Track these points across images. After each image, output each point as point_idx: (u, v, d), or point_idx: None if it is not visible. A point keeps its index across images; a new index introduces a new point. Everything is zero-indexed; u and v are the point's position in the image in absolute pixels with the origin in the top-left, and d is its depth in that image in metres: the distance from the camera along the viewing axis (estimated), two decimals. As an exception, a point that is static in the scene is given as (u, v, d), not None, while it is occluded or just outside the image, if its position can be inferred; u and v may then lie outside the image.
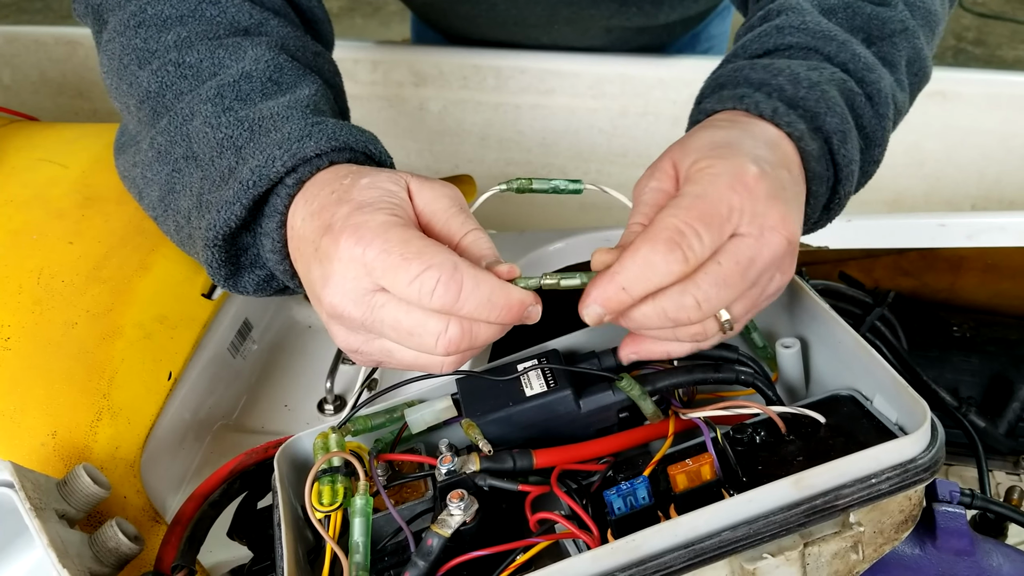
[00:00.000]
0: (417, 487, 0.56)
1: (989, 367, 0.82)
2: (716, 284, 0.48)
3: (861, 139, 0.58)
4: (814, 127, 0.55)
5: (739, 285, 0.49)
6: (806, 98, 0.55)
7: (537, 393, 0.55)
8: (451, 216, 0.53)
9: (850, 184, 0.58)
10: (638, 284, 0.48)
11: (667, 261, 0.47)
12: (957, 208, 1.20)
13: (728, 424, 0.55)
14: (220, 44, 0.64)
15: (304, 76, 0.64)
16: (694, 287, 0.48)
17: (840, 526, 0.50)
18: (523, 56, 1.24)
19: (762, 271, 0.50)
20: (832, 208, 0.59)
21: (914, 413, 0.50)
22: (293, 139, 0.56)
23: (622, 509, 0.51)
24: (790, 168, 0.53)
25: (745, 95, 0.56)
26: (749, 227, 0.49)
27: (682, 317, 0.49)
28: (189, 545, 0.55)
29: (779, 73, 0.57)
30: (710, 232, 0.48)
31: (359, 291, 0.49)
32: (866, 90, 0.59)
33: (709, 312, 0.49)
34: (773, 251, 0.49)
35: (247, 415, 0.75)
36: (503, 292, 0.49)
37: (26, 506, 0.50)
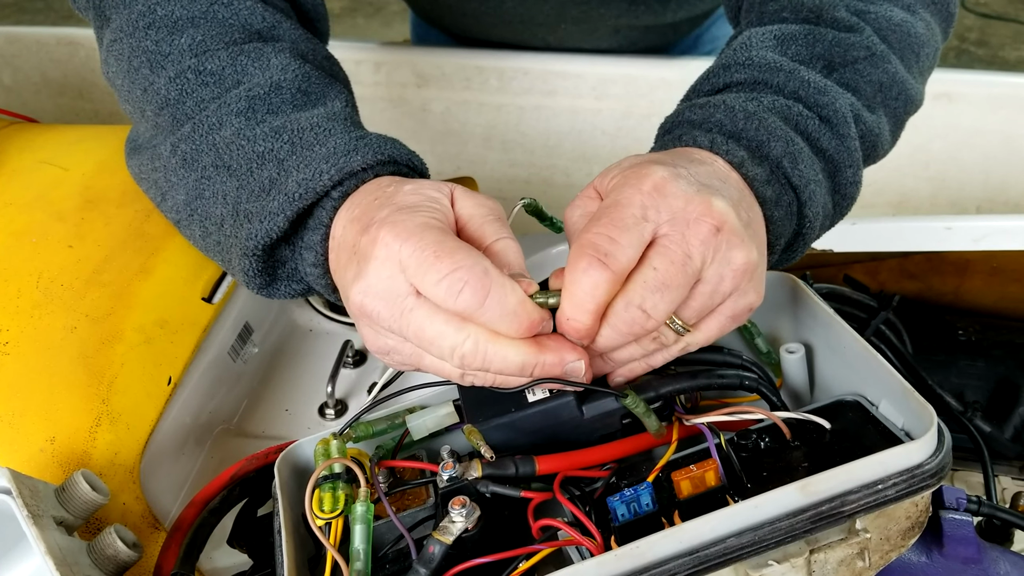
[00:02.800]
0: (419, 494, 0.56)
1: (995, 371, 0.81)
2: (655, 289, 0.48)
3: (823, 161, 0.59)
4: (760, 155, 0.56)
5: (680, 284, 0.49)
6: (745, 129, 0.56)
7: (540, 399, 0.54)
8: (487, 222, 0.54)
9: (815, 206, 0.58)
10: (576, 308, 0.48)
11: (589, 276, 0.48)
12: (962, 210, 1.20)
13: (732, 430, 0.54)
14: (241, 51, 0.64)
15: (331, 86, 0.66)
16: (636, 297, 0.48)
17: (846, 533, 0.49)
18: (526, 57, 1.24)
19: (701, 266, 0.49)
20: (805, 234, 0.59)
21: (920, 418, 0.49)
22: (340, 153, 0.57)
23: (626, 515, 0.50)
24: (727, 179, 0.54)
25: (684, 134, 0.58)
26: (671, 226, 0.49)
27: (636, 329, 0.49)
28: (188, 552, 0.55)
29: (716, 110, 0.58)
30: (624, 234, 0.48)
31: (392, 292, 0.49)
32: (820, 112, 0.59)
33: (660, 317, 0.49)
34: (702, 240, 0.49)
35: (248, 419, 0.75)
36: (526, 307, 0.49)
37: (24, 513, 0.49)
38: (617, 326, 0.49)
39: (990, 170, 1.19)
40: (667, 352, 0.53)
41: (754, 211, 0.54)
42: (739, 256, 0.50)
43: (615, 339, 0.50)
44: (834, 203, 0.61)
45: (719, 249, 0.49)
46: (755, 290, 0.52)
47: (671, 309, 0.49)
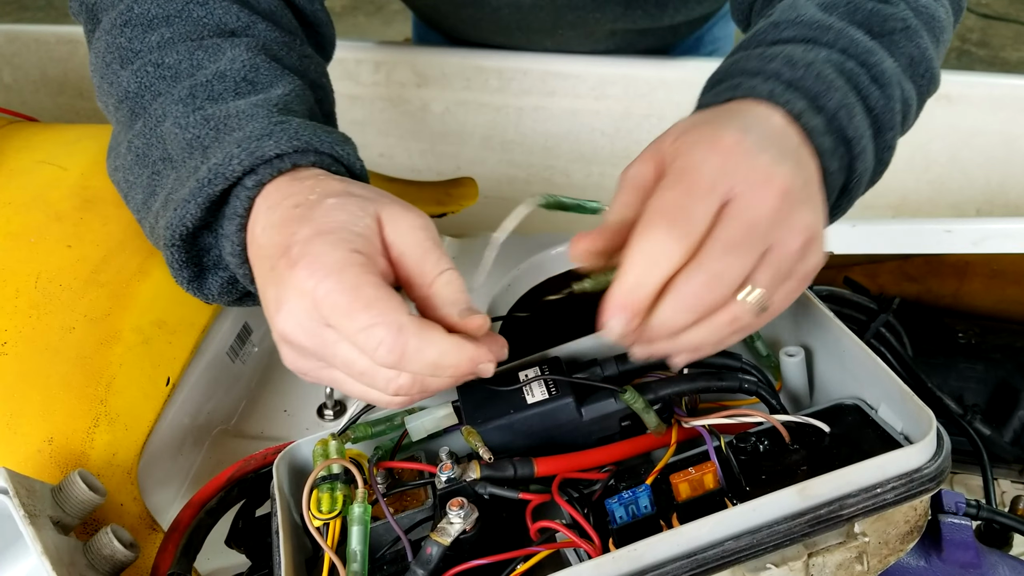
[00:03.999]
0: (417, 495, 0.56)
1: (994, 374, 0.81)
2: (724, 253, 0.46)
3: (871, 120, 0.57)
4: (817, 106, 0.54)
5: (750, 248, 0.46)
6: (804, 78, 0.54)
7: (538, 401, 0.54)
8: (424, 253, 0.51)
9: (866, 160, 0.56)
10: (650, 273, 0.46)
11: (669, 240, 0.45)
12: (962, 212, 1.20)
13: (731, 433, 0.54)
14: (200, 45, 0.63)
15: (282, 76, 0.63)
16: (705, 259, 0.46)
17: (845, 536, 0.49)
18: (526, 57, 1.24)
19: (769, 230, 0.47)
20: (851, 189, 0.58)
21: (920, 422, 0.49)
22: (253, 138, 0.54)
23: (624, 518, 0.50)
24: (784, 137, 0.52)
25: (741, 83, 0.55)
26: (740, 188, 0.47)
27: (705, 299, 0.46)
28: (185, 553, 0.55)
29: (774, 59, 0.56)
30: (701, 202, 0.46)
31: (311, 324, 0.48)
32: (870, 72, 0.58)
33: (730, 284, 0.46)
34: (771, 205, 0.47)
35: (246, 420, 0.75)
36: (453, 354, 0.47)
37: (20, 513, 0.49)
38: (685, 296, 0.46)
39: (990, 172, 1.19)
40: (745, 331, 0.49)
41: (811, 167, 0.52)
42: (805, 217, 0.48)
43: (681, 315, 0.46)
44: (875, 165, 0.59)
45: (786, 212, 0.48)
46: (819, 250, 0.50)
47: (743, 274, 0.47)
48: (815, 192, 0.51)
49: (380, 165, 1.37)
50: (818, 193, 0.51)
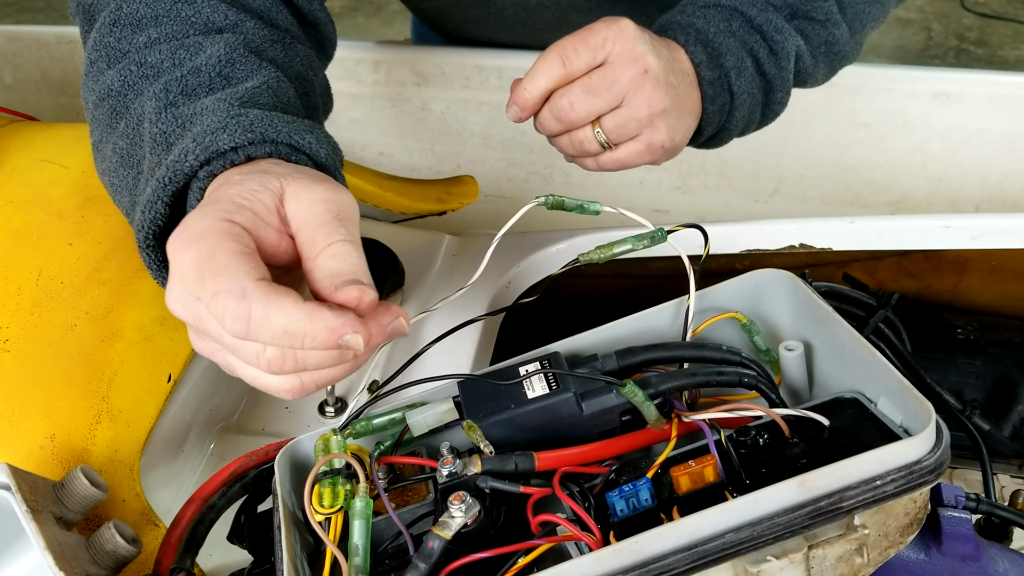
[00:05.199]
0: (418, 490, 0.56)
1: (993, 369, 0.81)
2: (584, 91, 0.68)
3: (764, 81, 0.78)
4: (715, 63, 0.74)
5: (603, 96, 0.68)
6: (713, 39, 0.74)
7: (539, 395, 0.55)
8: (320, 226, 0.48)
9: (743, 111, 0.76)
10: (534, 81, 0.68)
11: (550, 64, 0.68)
12: (961, 209, 1.20)
13: (731, 427, 0.54)
14: (182, 44, 0.62)
15: (258, 69, 0.61)
16: (569, 91, 0.68)
17: (845, 528, 0.49)
18: (525, 56, 1.24)
19: (626, 91, 0.68)
20: (729, 128, 0.78)
21: (919, 415, 0.49)
22: (208, 132, 0.53)
23: (624, 511, 0.50)
24: (675, 60, 0.72)
25: (668, 29, 0.76)
26: (616, 56, 0.68)
27: (563, 116, 0.69)
28: (187, 548, 0.55)
29: (698, 19, 0.76)
30: (585, 48, 0.68)
31: (186, 299, 0.46)
32: (771, 45, 0.77)
33: (584, 115, 0.69)
34: (631, 74, 0.68)
35: (248, 417, 0.75)
36: (303, 322, 0.44)
37: (23, 508, 0.49)
38: (551, 109, 0.69)
39: (989, 169, 1.19)
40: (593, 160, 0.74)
41: (689, 91, 0.73)
42: (657, 96, 0.69)
43: (550, 122, 0.70)
44: (763, 114, 0.80)
45: (642, 85, 0.68)
46: (667, 130, 0.71)
47: (590, 111, 0.69)
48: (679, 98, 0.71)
49: (380, 164, 1.37)
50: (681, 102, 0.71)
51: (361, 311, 0.46)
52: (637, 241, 0.59)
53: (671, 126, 0.71)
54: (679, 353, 0.58)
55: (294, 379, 0.48)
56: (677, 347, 0.58)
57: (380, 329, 0.47)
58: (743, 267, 0.86)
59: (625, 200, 1.40)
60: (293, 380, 0.48)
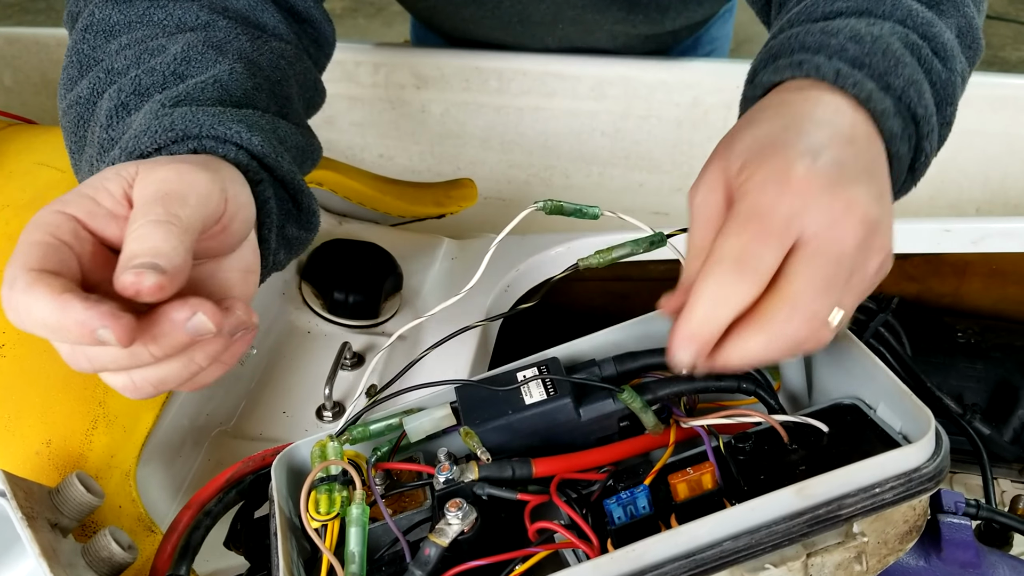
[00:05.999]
0: (415, 496, 0.56)
1: (994, 373, 0.81)
2: (819, 291, 0.46)
3: (935, 95, 0.55)
4: (883, 84, 0.52)
5: (839, 282, 0.46)
6: (871, 54, 0.52)
7: (537, 401, 0.54)
8: (139, 207, 0.45)
9: (933, 139, 0.55)
10: (717, 313, 0.46)
11: (737, 283, 0.45)
12: (962, 212, 1.20)
13: (730, 433, 0.54)
14: (147, 47, 0.60)
15: (213, 64, 0.59)
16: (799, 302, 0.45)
17: (843, 536, 0.49)
18: (525, 58, 1.24)
19: (854, 259, 0.47)
20: (917, 168, 0.56)
21: (918, 422, 0.49)
22: (133, 137, 0.52)
23: (622, 518, 0.50)
24: (855, 139, 0.50)
25: (804, 60, 0.53)
26: (818, 226, 0.46)
27: (800, 338, 0.46)
28: (184, 554, 0.55)
29: (837, 33, 0.53)
30: (770, 247, 0.45)
31: None
32: (931, 44, 0.55)
33: (825, 318, 0.46)
34: (854, 238, 0.46)
35: (245, 421, 0.75)
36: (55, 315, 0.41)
37: (18, 515, 0.49)
38: (776, 338, 0.46)
39: (990, 171, 1.19)
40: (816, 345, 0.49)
41: (881, 164, 0.51)
42: (882, 239, 0.48)
43: (769, 351, 0.46)
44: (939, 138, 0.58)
45: (868, 240, 0.47)
46: (889, 261, 0.50)
47: (831, 310, 0.47)
48: (887, 199, 0.50)
49: (380, 166, 1.37)
50: (889, 196, 0.50)
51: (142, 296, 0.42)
52: (636, 245, 0.59)
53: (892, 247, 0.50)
54: (678, 358, 0.57)
55: (123, 377, 0.46)
56: (676, 352, 0.58)
57: (171, 325, 0.43)
58: (743, 270, 0.85)
59: (626, 202, 1.40)
60: (122, 378, 0.46)
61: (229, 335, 0.47)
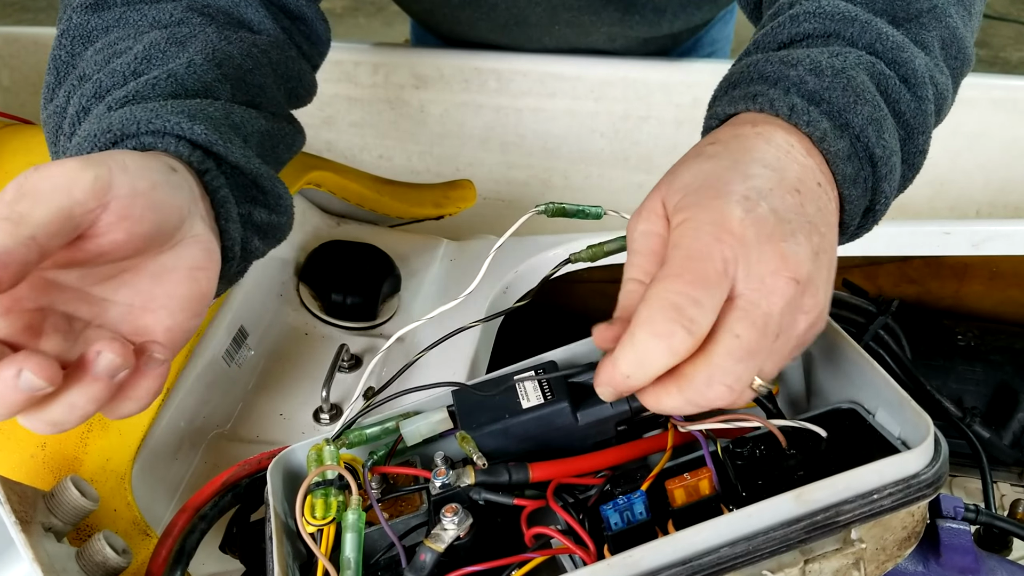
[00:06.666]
0: (412, 500, 0.55)
1: (994, 376, 0.81)
2: (740, 360, 0.43)
3: (900, 127, 0.53)
4: (841, 123, 0.50)
5: (764, 348, 0.44)
6: (830, 88, 0.49)
7: (534, 405, 0.54)
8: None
9: (893, 180, 0.52)
10: (640, 371, 0.44)
11: (669, 342, 0.43)
12: (962, 214, 1.19)
13: (728, 437, 0.54)
14: (115, 50, 0.60)
15: (172, 59, 0.58)
16: (718, 371, 0.44)
17: (841, 543, 0.49)
18: (524, 59, 1.23)
19: (780, 323, 0.44)
20: (876, 210, 0.54)
21: (917, 427, 0.49)
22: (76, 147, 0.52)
23: (619, 524, 0.50)
24: (801, 186, 0.47)
25: (758, 93, 0.51)
26: (747, 282, 0.44)
27: (717, 404, 0.45)
28: (179, 558, 0.54)
29: (797, 64, 0.51)
30: (708, 294, 0.43)
31: None
32: (899, 72, 0.53)
33: (743, 389, 0.45)
34: (782, 296, 0.44)
35: (242, 424, 0.74)
36: None
37: (11, 519, 0.49)
38: (696, 400, 0.45)
39: (991, 173, 1.18)
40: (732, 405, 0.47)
41: (828, 213, 0.48)
42: (814, 299, 0.46)
43: (684, 409, 0.45)
44: (901, 174, 0.54)
45: (797, 301, 0.45)
46: (823, 320, 0.48)
47: (752, 377, 0.45)
48: (827, 256, 0.47)
49: (379, 167, 1.37)
50: (829, 254, 0.48)
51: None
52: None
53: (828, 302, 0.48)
54: (676, 362, 0.57)
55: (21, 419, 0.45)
56: (674, 356, 0.58)
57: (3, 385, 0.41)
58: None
59: (625, 203, 1.40)
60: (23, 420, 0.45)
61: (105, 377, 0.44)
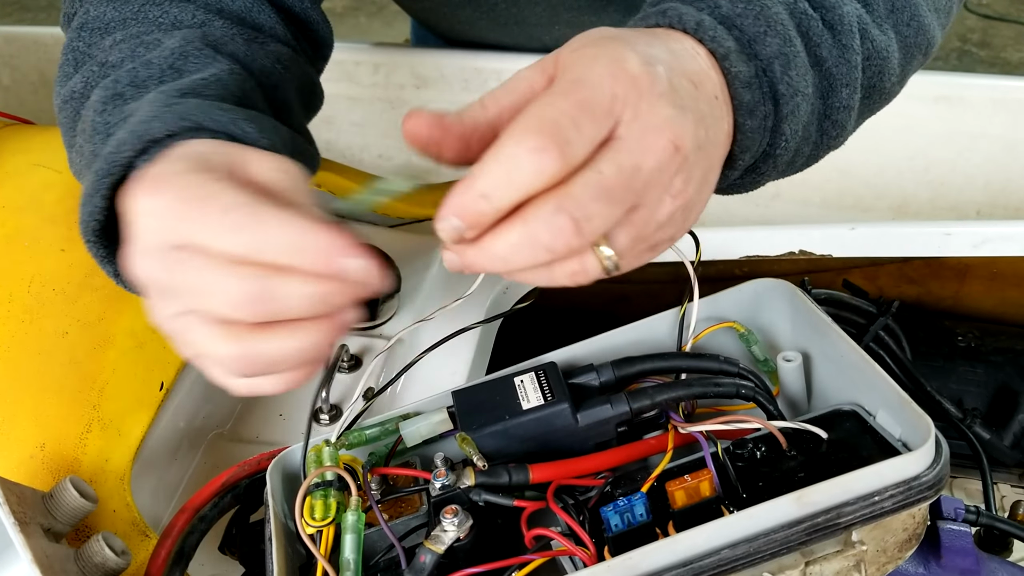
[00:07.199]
0: (412, 501, 0.55)
1: (994, 377, 0.81)
2: (596, 196, 0.39)
3: (820, 75, 0.51)
4: (749, 51, 0.47)
5: (622, 199, 0.40)
6: (743, 15, 0.47)
7: (534, 406, 0.54)
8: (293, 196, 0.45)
9: (795, 121, 0.49)
10: (502, 189, 0.39)
11: (539, 157, 0.38)
12: (963, 214, 1.19)
13: (728, 439, 0.54)
14: (142, 41, 0.60)
15: (211, 63, 0.58)
16: (570, 201, 0.39)
17: (842, 544, 0.49)
18: (525, 59, 1.22)
19: (647, 183, 0.41)
20: (776, 155, 0.51)
21: (918, 429, 0.49)
22: (144, 121, 0.51)
23: (619, 526, 0.50)
24: (699, 84, 0.45)
25: (670, 8, 0.48)
26: (629, 127, 0.40)
27: (558, 244, 0.39)
28: (178, 560, 0.54)
29: None
30: (592, 122, 0.39)
31: (160, 245, 0.42)
32: (824, 16, 0.50)
33: (590, 236, 0.40)
34: (657, 157, 0.41)
35: (241, 424, 0.74)
36: (313, 235, 0.41)
37: (10, 520, 0.49)
38: (538, 235, 0.39)
39: (991, 174, 1.18)
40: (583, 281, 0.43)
41: (719, 126, 0.46)
42: (684, 185, 0.43)
43: (523, 253, 0.40)
44: (821, 129, 0.52)
45: (668, 173, 0.42)
46: (684, 224, 0.45)
47: (604, 228, 0.41)
48: (707, 159, 0.45)
49: (379, 167, 1.37)
50: (710, 161, 0.45)
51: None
52: None
53: (696, 209, 0.46)
54: (676, 363, 0.57)
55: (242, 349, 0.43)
56: (675, 357, 0.58)
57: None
58: (742, 273, 0.85)
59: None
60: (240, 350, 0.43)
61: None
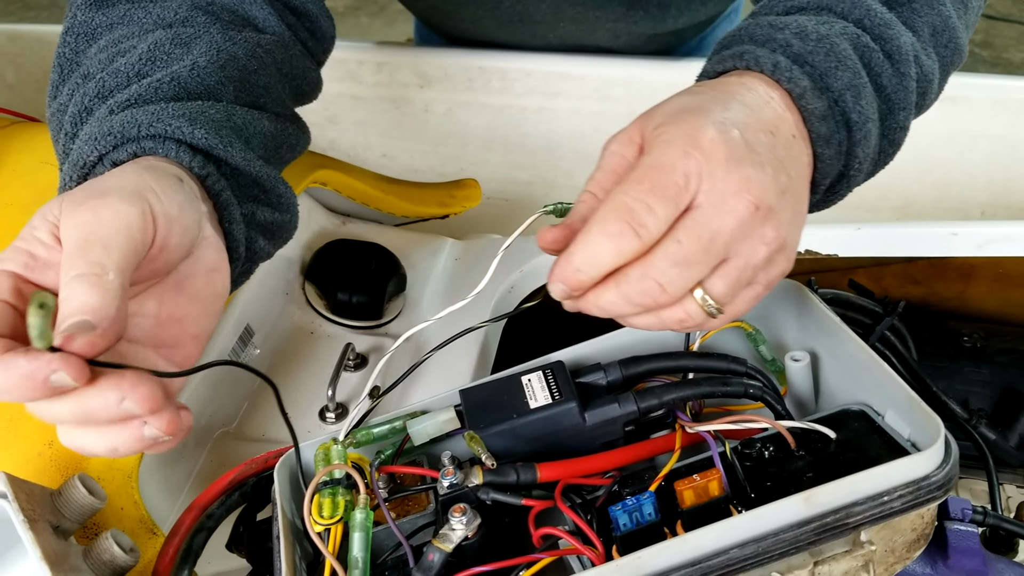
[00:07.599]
0: (419, 499, 0.55)
1: (1000, 378, 0.81)
2: (676, 264, 0.45)
3: (881, 100, 0.55)
4: (821, 85, 0.52)
5: (704, 261, 0.46)
6: (814, 52, 0.52)
7: (542, 405, 0.54)
8: (64, 259, 0.43)
9: (867, 146, 0.54)
10: (591, 265, 0.46)
11: (617, 242, 0.45)
12: (966, 215, 1.19)
13: (736, 439, 0.54)
14: (119, 49, 0.59)
15: (176, 61, 0.58)
16: (652, 269, 0.45)
17: (851, 545, 0.49)
18: (529, 58, 1.23)
19: (730, 243, 0.46)
20: (850, 175, 0.55)
21: (927, 429, 0.49)
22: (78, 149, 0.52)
23: (628, 525, 0.50)
24: (776, 132, 0.49)
25: (746, 52, 0.53)
26: (707, 196, 0.45)
27: (647, 301, 0.46)
28: (186, 557, 0.55)
29: (784, 28, 0.53)
30: (663, 204, 0.45)
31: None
32: (884, 47, 0.55)
33: (677, 293, 0.46)
34: (737, 218, 0.45)
35: (248, 423, 0.74)
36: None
37: (19, 517, 0.49)
38: (629, 295, 0.46)
39: (994, 174, 1.18)
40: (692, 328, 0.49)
41: (800, 163, 0.51)
42: (775, 231, 0.47)
43: (621, 306, 0.47)
44: (880, 148, 0.57)
45: (753, 226, 0.46)
46: (786, 259, 0.49)
47: (688, 287, 0.46)
48: (794, 198, 0.49)
49: (382, 166, 1.37)
50: (797, 198, 0.50)
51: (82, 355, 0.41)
52: None
53: (793, 244, 0.50)
54: (684, 363, 0.57)
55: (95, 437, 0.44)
56: (682, 356, 0.58)
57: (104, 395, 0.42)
58: (747, 273, 0.85)
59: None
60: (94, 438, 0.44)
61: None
